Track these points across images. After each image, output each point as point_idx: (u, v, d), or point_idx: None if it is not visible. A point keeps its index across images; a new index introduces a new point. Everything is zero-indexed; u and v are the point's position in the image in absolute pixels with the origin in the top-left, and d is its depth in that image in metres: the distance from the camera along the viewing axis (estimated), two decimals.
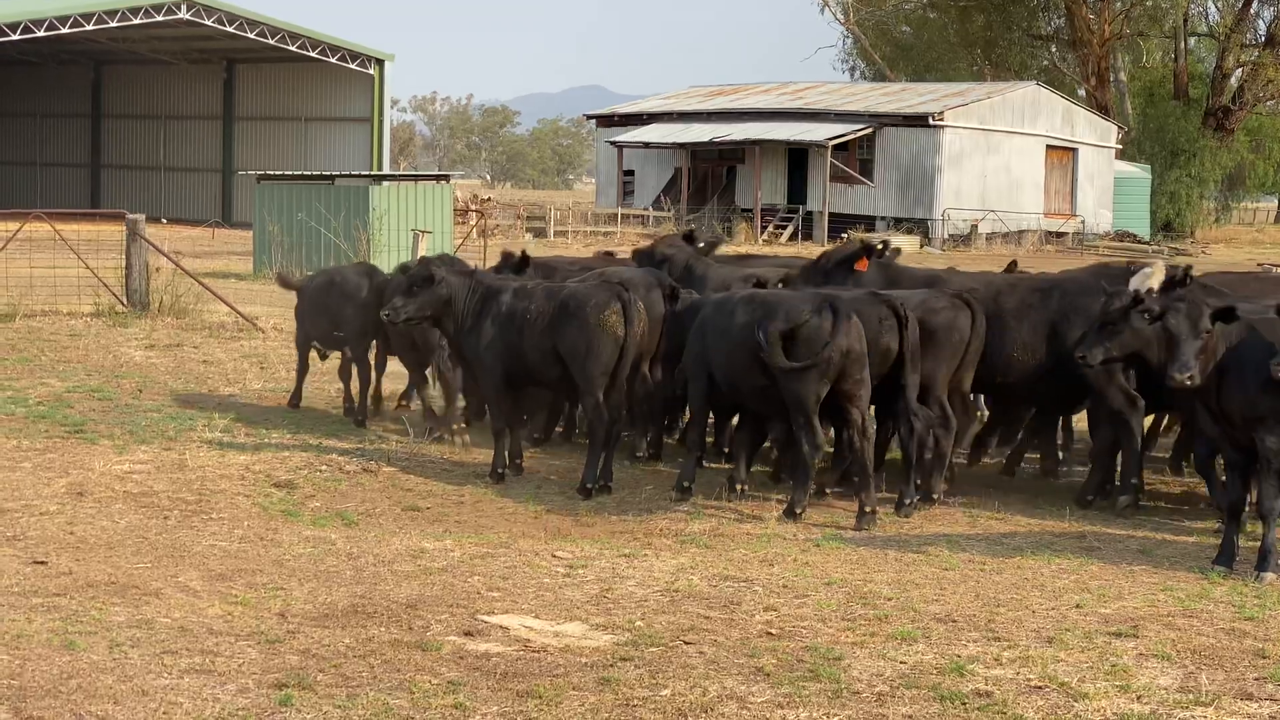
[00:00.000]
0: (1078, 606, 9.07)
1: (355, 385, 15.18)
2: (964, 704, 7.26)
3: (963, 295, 12.45)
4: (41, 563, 9.48)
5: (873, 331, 11.63)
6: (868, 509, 11.47)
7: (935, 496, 12.14)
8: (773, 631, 8.43)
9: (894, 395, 11.91)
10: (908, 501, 11.93)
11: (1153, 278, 12.68)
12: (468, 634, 8.28)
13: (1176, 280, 12.66)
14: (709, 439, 13.94)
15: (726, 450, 13.84)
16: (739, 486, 12.30)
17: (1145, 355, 11.35)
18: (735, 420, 13.19)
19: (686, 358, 12.35)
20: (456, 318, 12.89)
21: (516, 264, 14.59)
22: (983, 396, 14.32)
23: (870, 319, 11.64)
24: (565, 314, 12.45)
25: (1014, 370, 12.60)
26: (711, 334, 12.04)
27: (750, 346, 11.63)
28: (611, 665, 7.77)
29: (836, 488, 12.52)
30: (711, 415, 13.50)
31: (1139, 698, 7.39)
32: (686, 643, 8.17)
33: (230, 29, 55.05)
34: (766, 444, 13.27)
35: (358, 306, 14.90)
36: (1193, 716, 7.16)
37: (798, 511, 11.59)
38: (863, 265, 13.50)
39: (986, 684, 7.55)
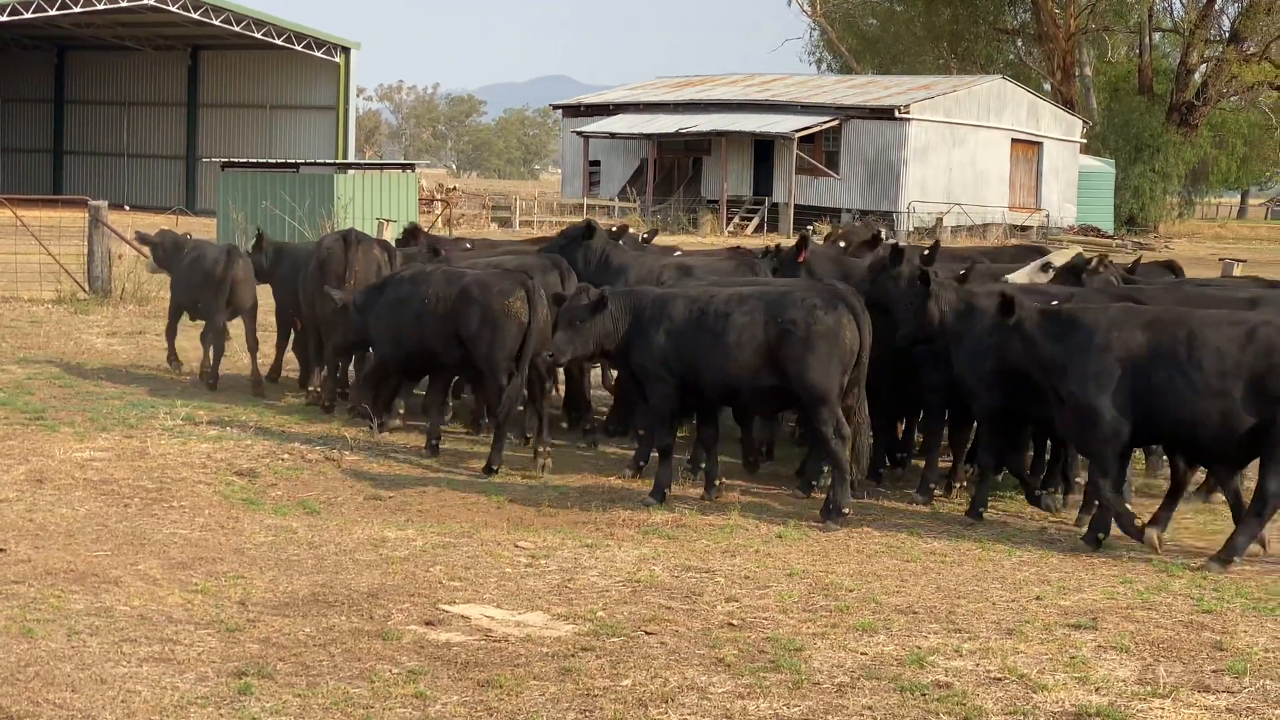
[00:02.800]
0: (1037, 599, 9.12)
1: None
2: (924, 695, 7.29)
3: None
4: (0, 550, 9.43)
5: None
6: (842, 508, 11.20)
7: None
8: (734, 622, 8.45)
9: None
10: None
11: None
12: (429, 623, 8.27)
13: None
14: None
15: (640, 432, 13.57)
16: (717, 482, 12.11)
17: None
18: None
19: (646, 357, 11.70)
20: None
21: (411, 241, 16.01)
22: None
23: None
24: (468, 300, 12.93)
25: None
26: (700, 334, 11.55)
27: (757, 346, 11.32)
28: (572, 655, 7.78)
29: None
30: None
31: (1097, 689, 7.43)
32: (648, 633, 8.19)
33: (195, 15, 54.74)
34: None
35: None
36: (1150, 708, 7.21)
37: (845, 510, 11.17)
38: (801, 258, 14.08)
39: (946, 675, 7.58)
